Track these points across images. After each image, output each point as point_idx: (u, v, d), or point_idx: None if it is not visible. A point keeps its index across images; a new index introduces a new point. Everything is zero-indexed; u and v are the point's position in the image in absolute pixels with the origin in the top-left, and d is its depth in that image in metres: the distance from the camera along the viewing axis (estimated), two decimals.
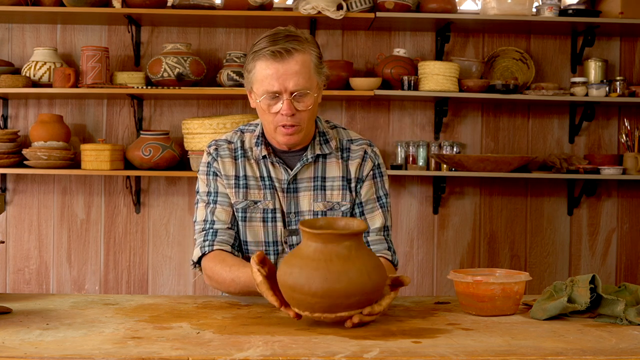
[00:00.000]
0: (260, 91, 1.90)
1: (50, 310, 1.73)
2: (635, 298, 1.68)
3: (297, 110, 1.90)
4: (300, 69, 1.88)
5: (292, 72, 1.87)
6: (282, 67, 1.87)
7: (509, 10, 3.60)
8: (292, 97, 1.89)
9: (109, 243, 3.84)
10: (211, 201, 2.02)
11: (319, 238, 1.56)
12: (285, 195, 2.00)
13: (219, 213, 2.00)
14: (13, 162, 3.59)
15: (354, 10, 3.61)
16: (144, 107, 3.84)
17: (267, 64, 1.88)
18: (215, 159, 2.03)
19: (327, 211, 2.00)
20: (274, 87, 1.88)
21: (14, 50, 3.82)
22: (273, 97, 1.90)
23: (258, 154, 2.01)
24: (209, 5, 3.58)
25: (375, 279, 1.56)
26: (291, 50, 1.87)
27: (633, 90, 3.68)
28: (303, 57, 1.89)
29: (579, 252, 3.94)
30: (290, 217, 2.00)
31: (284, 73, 1.87)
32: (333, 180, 2.02)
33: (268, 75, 1.88)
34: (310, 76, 1.91)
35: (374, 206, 2.05)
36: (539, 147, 3.90)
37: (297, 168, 2.00)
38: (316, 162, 2.02)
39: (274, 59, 1.87)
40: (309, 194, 2.00)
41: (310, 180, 2.01)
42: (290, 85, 1.88)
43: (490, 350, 1.39)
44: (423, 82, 3.60)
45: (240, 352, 1.35)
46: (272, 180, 2.01)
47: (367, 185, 2.04)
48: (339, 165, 2.03)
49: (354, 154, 2.05)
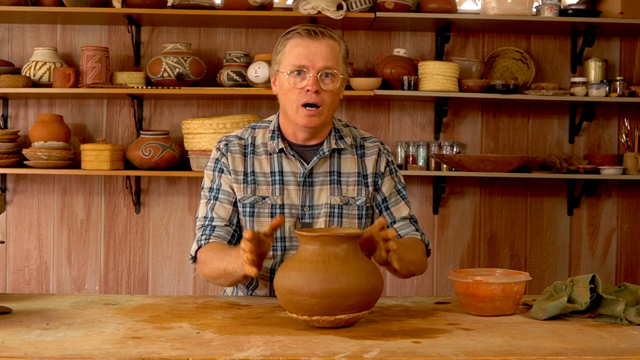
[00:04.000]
0: (288, 65, 1.94)
1: (50, 310, 1.73)
2: (635, 298, 1.68)
3: (321, 89, 1.94)
4: (330, 51, 1.94)
5: (323, 52, 1.93)
6: (313, 45, 1.93)
7: (509, 10, 3.60)
8: (319, 75, 1.93)
9: (109, 243, 3.84)
10: (212, 197, 2.04)
11: (316, 240, 1.57)
12: (301, 188, 2.02)
13: (218, 209, 2.02)
14: (13, 162, 3.59)
15: (354, 10, 3.61)
16: (144, 107, 3.84)
17: (300, 40, 1.94)
18: (225, 155, 2.05)
19: (343, 205, 2.03)
20: (303, 61, 1.93)
21: (14, 50, 3.82)
22: (300, 72, 1.93)
23: (274, 147, 2.03)
24: (209, 5, 3.58)
25: (374, 282, 1.57)
26: (325, 33, 1.95)
27: (633, 90, 3.68)
28: (334, 43, 1.96)
29: (579, 252, 3.94)
30: (304, 210, 2.02)
31: (315, 50, 1.92)
32: (348, 176, 2.05)
33: (299, 52, 1.93)
34: (338, 61, 1.96)
35: (397, 199, 2.10)
36: (539, 147, 3.90)
37: (314, 161, 2.02)
38: (332, 156, 2.05)
39: (308, 36, 1.93)
40: (326, 187, 2.03)
41: (327, 175, 2.04)
42: (319, 63, 1.93)
43: (490, 350, 1.39)
44: (423, 82, 3.60)
45: (240, 352, 1.35)
46: (283, 175, 2.02)
47: (387, 181, 2.09)
48: (354, 162, 2.07)
49: (369, 150, 2.10)
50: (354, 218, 2.04)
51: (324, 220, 2.01)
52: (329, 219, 2.01)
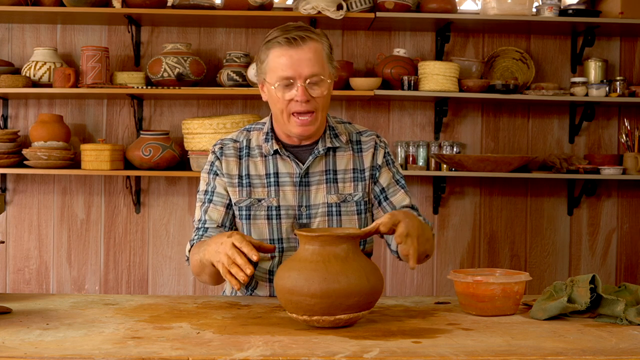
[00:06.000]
0: (274, 78, 1.92)
1: (50, 310, 1.73)
2: (635, 298, 1.68)
3: (311, 97, 1.92)
4: (314, 56, 1.90)
5: (306, 59, 1.89)
6: (295, 54, 1.89)
7: (509, 10, 3.60)
8: (307, 83, 1.90)
9: (109, 243, 3.84)
10: (206, 200, 2.04)
11: (316, 240, 1.57)
12: (297, 189, 2.01)
13: (211, 212, 2.02)
14: (13, 162, 3.59)
15: (354, 10, 3.61)
16: (144, 107, 3.84)
17: (282, 51, 1.89)
18: (219, 158, 2.05)
19: (340, 203, 2.02)
20: (288, 72, 1.89)
21: (14, 50, 3.82)
22: (287, 83, 1.91)
23: (269, 149, 2.02)
24: (209, 5, 3.58)
25: (374, 282, 1.57)
26: (305, 37, 1.90)
27: (633, 90, 3.68)
28: (316, 45, 1.91)
29: (579, 252, 3.94)
30: (301, 210, 2.01)
31: (298, 59, 1.89)
32: (344, 173, 2.05)
33: (282, 62, 1.89)
34: (323, 64, 1.93)
35: (396, 188, 2.08)
36: (539, 147, 3.90)
37: (309, 161, 2.01)
38: (327, 155, 2.05)
39: (288, 45, 1.89)
40: (322, 187, 2.02)
41: (322, 174, 2.03)
42: (305, 71, 1.89)
43: (490, 350, 1.39)
44: (423, 82, 3.60)
45: (240, 352, 1.35)
46: (279, 176, 2.02)
47: (384, 172, 2.08)
48: (350, 158, 2.06)
49: (365, 145, 2.08)
50: (352, 215, 2.04)
51: (322, 220, 2.01)
52: (328, 218, 2.01)
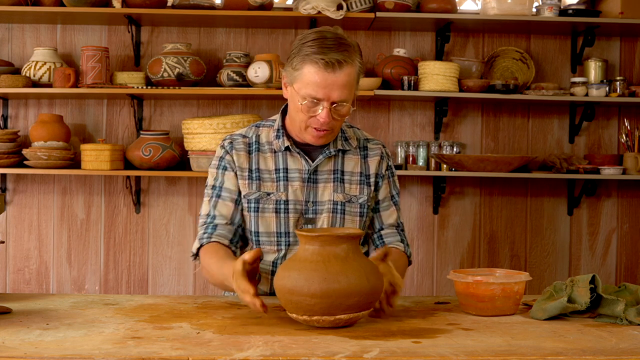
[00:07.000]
0: (304, 93, 1.93)
1: (50, 310, 1.73)
2: (635, 298, 1.68)
3: (333, 118, 1.95)
4: (346, 82, 1.92)
5: (339, 85, 1.91)
6: (330, 78, 1.90)
7: (509, 10, 3.60)
8: (332, 106, 1.93)
9: (109, 243, 3.84)
10: (215, 195, 2.07)
11: (316, 240, 1.57)
12: (305, 184, 2.05)
13: (221, 207, 2.05)
14: (13, 162, 3.59)
15: (354, 10, 3.61)
16: (144, 107, 3.84)
17: (318, 71, 1.89)
18: (229, 152, 2.08)
19: (345, 202, 2.06)
20: (319, 94, 1.91)
21: (14, 50, 3.82)
22: (314, 101, 1.93)
23: (280, 145, 2.06)
24: (209, 5, 3.58)
25: (374, 282, 1.57)
26: (342, 62, 1.89)
27: (633, 90, 3.68)
28: (350, 69, 1.92)
29: (579, 252, 3.94)
30: (308, 205, 2.05)
31: (331, 83, 1.90)
32: (352, 175, 2.10)
33: (316, 82, 1.90)
34: (352, 88, 1.95)
35: (389, 204, 2.15)
36: (539, 147, 3.90)
37: (319, 160, 2.05)
38: (336, 156, 2.09)
39: (325, 68, 1.89)
40: (330, 185, 2.06)
41: (330, 173, 2.07)
42: (334, 96, 1.91)
43: (490, 350, 1.39)
44: (423, 82, 3.60)
45: (240, 352, 1.35)
46: (288, 172, 2.05)
47: (384, 184, 2.14)
48: (358, 162, 2.11)
49: (372, 152, 2.15)
50: (355, 215, 2.08)
51: (327, 217, 2.04)
52: (332, 215, 2.05)
